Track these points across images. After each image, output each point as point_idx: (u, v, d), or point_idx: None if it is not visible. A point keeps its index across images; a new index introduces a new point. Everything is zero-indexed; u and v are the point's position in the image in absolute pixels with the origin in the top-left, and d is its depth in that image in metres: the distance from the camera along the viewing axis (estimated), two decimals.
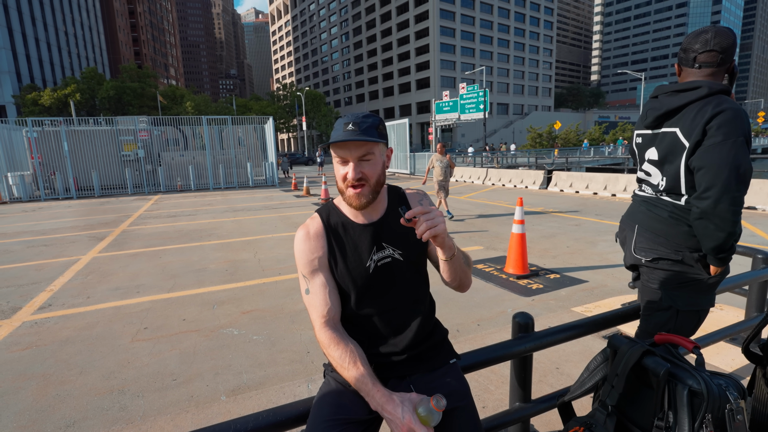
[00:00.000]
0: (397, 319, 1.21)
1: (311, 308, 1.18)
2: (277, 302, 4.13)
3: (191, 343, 3.30)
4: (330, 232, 1.21)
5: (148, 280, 4.98)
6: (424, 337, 1.24)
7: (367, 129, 1.11)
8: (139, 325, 3.65)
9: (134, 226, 8.95)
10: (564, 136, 40.15)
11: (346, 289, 1.19)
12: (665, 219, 1.61)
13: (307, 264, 1.18)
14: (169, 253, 6.34)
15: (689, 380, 1.09)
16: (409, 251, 1.23)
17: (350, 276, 1.18)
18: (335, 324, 1.17)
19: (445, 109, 25.75)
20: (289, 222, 8.97)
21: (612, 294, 4.14)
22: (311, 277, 1.18)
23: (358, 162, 1.12)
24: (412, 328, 1.22)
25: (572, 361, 2.84)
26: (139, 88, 48.52)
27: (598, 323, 1.81)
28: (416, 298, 1.25)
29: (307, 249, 1.19)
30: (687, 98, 1.52)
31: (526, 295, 4.18)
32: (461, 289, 1.25)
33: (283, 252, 6.22)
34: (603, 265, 5.14)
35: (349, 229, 1.21)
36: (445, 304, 3.93)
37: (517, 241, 4.78)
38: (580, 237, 6.75)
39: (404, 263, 1.22)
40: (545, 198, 12.05)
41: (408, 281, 1.23)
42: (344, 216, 1.22)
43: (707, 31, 1.54)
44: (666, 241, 1.61)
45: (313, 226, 1.22)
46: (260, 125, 19.98)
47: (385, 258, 1.20)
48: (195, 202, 13.28)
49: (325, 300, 1.17)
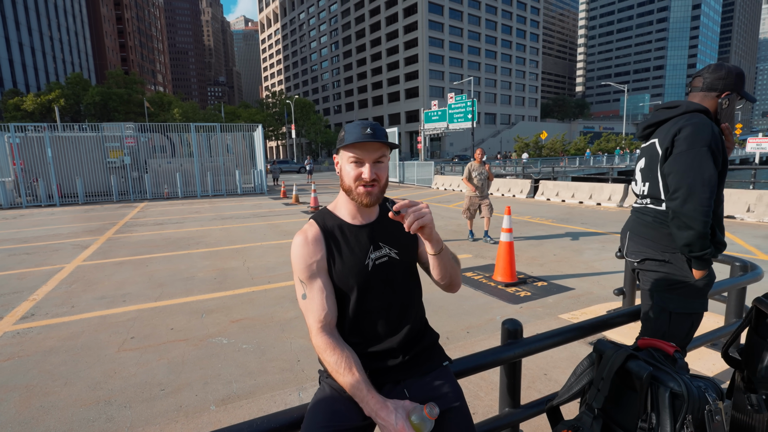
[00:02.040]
0: (393, 317, 1.25)
1: (308, 313, 1.20)
2: (267, 311, 4.11)
3: (179, 352, 3.26)
4: (327, 235, 1.24)
5: (135, 289, 4.91)
6: (417, 338, 1.28)
7: (383, 134, 1.18)
8: (126, 335, 3.60)
9: (120, 234, 8.81)
10: (550, 146, 40.89)
11: (345, 289, 1.22)
12: (650, 223, 1.79)
13: (305, 268, 1.20)
14: (156, 262, 6.26)
15: (671, 383, 1.13)
16: (404, 251, 1.28)
17: (350, 275, 1.21)
18: (331, 329, 1.19)
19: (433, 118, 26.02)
20: (278, 230, 8.93)
21: (598, 301, 4.21)
22: (309, 281, 1.20)
23: (373, 164, 1.18)
24: (407, 326, 1.25)
25: (560, 367, 2.89)
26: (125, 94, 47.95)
27: (585, 329, 1.86)
28: (411, 297, 1.29)
29: (305, 253, 1.21)
30: (667, 114, 1.75)
31: (515, 302, 4.23)
32: (451, 288, 1.29)
33: (272, 260, 6.19)
34: (589, 273, 5.23)
35: (346, 230, 1.25)
36: (435, 312, 3.96)
37: (505, 249, 4.84)
38: (567, 245, 6.85)
39: (400, 262, 1.26)
40: (532, 207, 12.20)
41: (404, 280, 1.28)
42: (339, 219, 1.27)
43: (710, 64, 1.78)
44: (652, 243, 1.77)
45: (310, 231, 1.24)
46: (249, 133, 19.91)
47: (382, 257, 1.24)
48: (182, 210, 13.14)
49: (322, 304, 1.19)
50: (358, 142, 1.14)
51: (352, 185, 1.19)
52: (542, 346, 1.73)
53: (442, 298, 4.33)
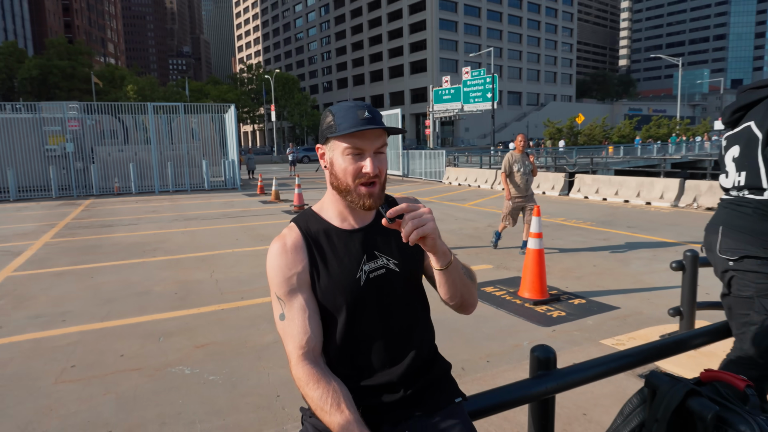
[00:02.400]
0: (392, 345, 1.23)
1: (287, 338, 1.18)
2: (240, 334, 4.09)
3: (131, 384, 3.24)
4: (311, 242, 1.22)
5: (77, 306, 4.89)
6: (423, 369, 1.26)
7: (381, 119, 1.17)
8: (65, 363, 3.58)
9: (59, 238, 8.80)
10: (588, 132, 40.94)
11: (332, 309, 1.20)
12: (749, 215, 1.84)
13: (283, 282, 1.19)
14: (104, 272, 6.25)
15: (741, 425, 1.12)
16: (405, 261, 1.25)
17: (338, 291, 1.19)
18: (315, 357, 1.17)
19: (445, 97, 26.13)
20: (253, 234, 8.93)
21: (648, 323, 4.20)
22: (288, 298, 1.19)
23: (374, 155, 1.16)
24: (411, 355, 1.23)
25: (602, 405, 2.87)
26: (69, 67, 48.13)
27: (633, 358, 1.84)
28: (415, 318, 1.27)
29: (283, 264, 1.19)
30: (759, 94, 1.83)
31: (546, 324, 4.21)
32: (464, 310, 1.28)
33: (246, 271, 6.19)
34: (637, 288, 5.22)
35: (334, 236, 1.23)
36: (448, 336, 3.94)
37: (533, 258, 4.83)
38: (609, 254, 6.85)
39: (401, 275, 1.24)
40: (567, 206, 12.22)
41: (406, 298, 1.26)
42: (326, 222, 1.25)
43: None
44: (752, 238, 1.81)
45: (290, 237, 1.23)
46: (219, 114, 19.97)
47: (378, 269, 1.22)
48: (136, 209, 13.14)
49: (303, 327, 1.17)
50: (357, 130, 1.11)
51: (351, 184, 1.16)
52: (580, 379, 1.71)
53: (456, 319, 4.31)
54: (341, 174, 1.17)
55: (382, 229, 1.24)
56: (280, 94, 63.16)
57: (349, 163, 1.16)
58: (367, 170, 1.14)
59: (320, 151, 1.22)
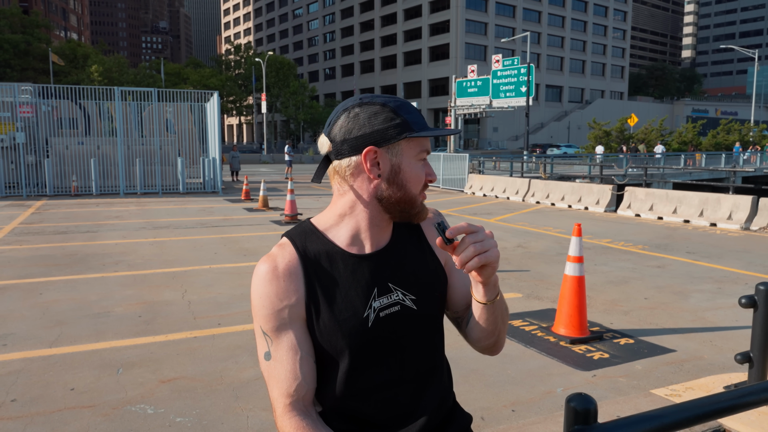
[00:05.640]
0: (404, 397, 1.20)
1: (272, 382, 1.14)
2: (215, 367, 4.09)
3: (82, 425, 3.24)
4: (309, 266, 1.16)
5: (21, 328, 4.91)
6: (441, 426, 1.24)
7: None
8: (4, 396, 3.58)
9: (3, 246, 8.87)
10: (642, 136, 40.83)
11: (331, 352, 1.16)
12: None
13: (272, 316, 1.14)
14: (55, 288, 6.28)
15: None
16: (425, 296, 1.22)
17: (340, 332, 1.14)
18: (305, 407, 1.15)
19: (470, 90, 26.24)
20: (236, 247, 8.96)
21: (711, 370, 4.16)
22: (276, 335, 1.14)
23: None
24: (426, 410, 1.21)
25: None
26: (23, 41, 48.94)
27: (691, 413, 1.82)
28: (432, 365, 1.25)
29: (272, 293, 1.14)
30: None
31: (585, 368, 4.19)
32: (493, 350, 1.27)
33: (225, 291, 6.20)
34: (698, 328, 5.18)
35: (339, 261, 1.17)
36: (465, 379, 3.92)
37: (572, 287, 4.80)
38: (665, 285, 6.81)
39: (418, 314, 1.21)
40: (614, 225, 12.18)
41: (422, 341, 1.23)
42: (330, 242, 1.19)
43: None
44: None
45: (282, 258, 1.17)
46: (199, 103, 20.14)
47: (390, 306, 1.18)
48: (97, 213, 13.23)
49: (293, 372, 1.13)
50: (442, 133, 1.16)
51: (416, 194, 1.16)
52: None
53: (476, 358, 4.28)
54: (413, 182, 1.14)
55: (398, 256, 1.22)
56: (272, 81, 63.77)
57: (418, 169, 1.15)
58: (433, 176, 1.18)
59: (371, 155, 1.11)
